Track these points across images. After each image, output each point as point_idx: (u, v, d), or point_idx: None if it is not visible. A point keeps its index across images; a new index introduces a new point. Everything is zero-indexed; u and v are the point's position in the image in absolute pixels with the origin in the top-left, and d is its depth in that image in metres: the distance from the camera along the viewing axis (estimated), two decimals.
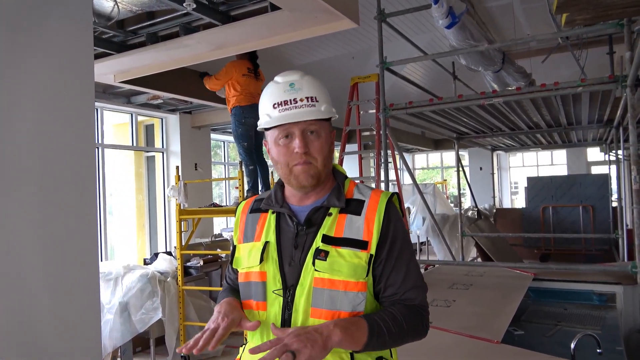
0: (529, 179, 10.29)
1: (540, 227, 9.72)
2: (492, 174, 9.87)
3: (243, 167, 4.94)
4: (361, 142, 7.31)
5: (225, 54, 3.85)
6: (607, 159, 10.94)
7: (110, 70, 4.19)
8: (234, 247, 1.37)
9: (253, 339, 1.31)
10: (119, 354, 4.44)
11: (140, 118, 6.55)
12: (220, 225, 8.31)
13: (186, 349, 1.14)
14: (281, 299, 1.22)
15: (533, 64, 7.57)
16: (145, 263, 5.29)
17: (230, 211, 4.74)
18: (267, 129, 1.27)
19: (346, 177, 1.35)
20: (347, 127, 5.97)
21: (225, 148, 8.96)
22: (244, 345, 1.39)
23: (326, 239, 1.22)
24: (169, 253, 5.11)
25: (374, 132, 6.59)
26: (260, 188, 5.23)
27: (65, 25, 2.44)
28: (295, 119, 1.21)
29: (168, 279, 4.61)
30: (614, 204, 9.39)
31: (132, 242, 6.61)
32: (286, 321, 1.21)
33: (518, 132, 7.20)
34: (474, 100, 4.63)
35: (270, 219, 1.32)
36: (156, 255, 5.15)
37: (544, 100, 4.95)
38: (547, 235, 9.33)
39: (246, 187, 4.72)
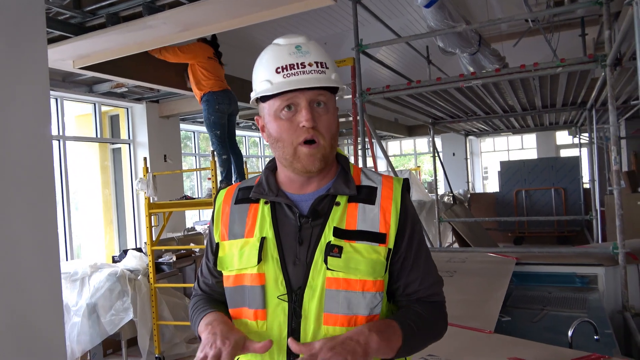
0: (502, 163, 10.37)
1: (514, 211, 9.82)
2: (466, 159, 9.88)
3: (216, 156, 4.76)
4: None
5: (193, 36, 3.60)
6: (575, 141, 11.12)
7: (69, 55, 3.88)
8: (217, 244, 1.15)
9: (249, 355, 1.09)
10: (89, 358, 4.19)
11: (104, 108, 6.20)
12: (193, 218, 8.06)
13: None
14: (286, 305, 1.04)
15: (505, 49, 7.54)
16: (114, 261, 5.02)
17: (204, 203, 4.52)
18: (264, 100, 1.06)
19: (348, 160, 1.17)
20: None
21: (195, 139, 8.66)
22: None
23: (338, 232, 1.05)
24: (139, 249, 4.86)
25: (350, 119, 6.43)
26: (234, 179, 5.03)
27: (13, 4, 2.18)
28: (303, 84, 1.01)
29: (139, 277, 4.37)
30: (585, 186, 9.57)
31: (99, 239, 6.29)
32: (294, 331, 1.03)
33: (493, 116, 7.17)
34: (452, 82, 4.52)
35: (263, 210, 1.11)
36: (125, 252, 4.89)
37: (522, 82, 4.89)
38: (521, 218, 9.42)
39: (219, 177, 4.50)
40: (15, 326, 2.15)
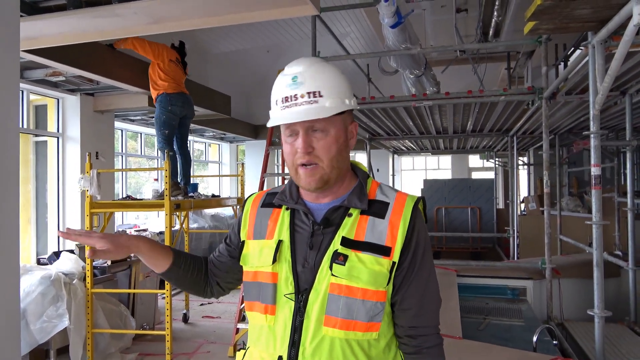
0: (425, 182, 10.95)
1: (434, 227, 10.38)
2: (393, 175, 10.32)
3: (163, 154, 4.74)
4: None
5: (162, 30, 3.44)
6: (486, 165, 12.03)
7: None
8: (243, 242, 1.27)
9: (257, 344, 1.20)
10: None
11: (30, 97, 5.67)
12: (116, 222, 7.59)
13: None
14: (292, 303, 1.13)
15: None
16: (40, 263, 4.60)
17: (150, 205, 4.30)
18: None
19: (368, 175, 1.25)
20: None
21: (123, 137, 8.19)
22: (244, 351, 1.27)
23: (345, 242, 1.13)
24: (71, 251, 4.49)
25: None
26: (179, 179, 4.87)
27: None
28: (292, 119, 1.10)
29: (74, 281, 4.04)
30: (498, 207, 10.39)
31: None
32: (297, 328, 1.12)
33: (426, 136, 7.59)
34: (405, 101, 4.75)
35: (284, 215, 1.22)
36: (56, 254, 4.49)
37: (463, 107, 5.25)
38: (446, 234, 9.99)
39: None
40: None
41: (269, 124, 1.16)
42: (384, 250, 1.12)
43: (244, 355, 1.26)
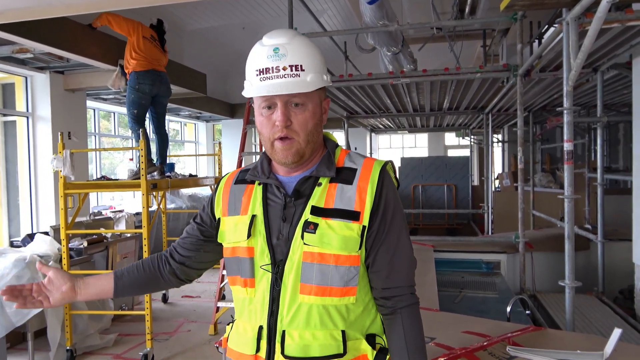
0: (403, 160, 11.05)
1: (411, 204, 10.53)
2: (371, 154, 10.36)
3: (132, 134, 4.70)
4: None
5: (133, 5, 3.34)
6: (462, 143, 12.18)
7: None
8: (219, 219, 1.28)
9: (242, 316, 1.23)
10: None
11: None
12: (92, 203, 7.46)
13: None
14: (269, 275, 1.16)
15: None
16: (13, 246, 4.51)
17: (126, 185, 4.24)
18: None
19: (337, 145, 1.27)
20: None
21: (95, 116, 7.99)
22: (231, 324, 1.30)
23: (315, 210, 1.15)
24: (46, 233, 4.41)
25: None
26: (156, 160, 4.81)
27: None
28: (275, 91, 1.10)
29: (50, 263, 3.97)
30: (473, 184, 10.58)
31: None
32: (275, 298, 1.15)
33: (403, 114, 7.62)
34: (383, 79, 4.75)
35: (256, 190, 1.24)
36: (30, 236, 4.40)
37: (440, 84, 5.28)
38: (417, 211, 10.14)
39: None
40: None
41: (248, 94, 1.14)
42: (354, 215, 1.14)
43: (231, 328, 1.28)
